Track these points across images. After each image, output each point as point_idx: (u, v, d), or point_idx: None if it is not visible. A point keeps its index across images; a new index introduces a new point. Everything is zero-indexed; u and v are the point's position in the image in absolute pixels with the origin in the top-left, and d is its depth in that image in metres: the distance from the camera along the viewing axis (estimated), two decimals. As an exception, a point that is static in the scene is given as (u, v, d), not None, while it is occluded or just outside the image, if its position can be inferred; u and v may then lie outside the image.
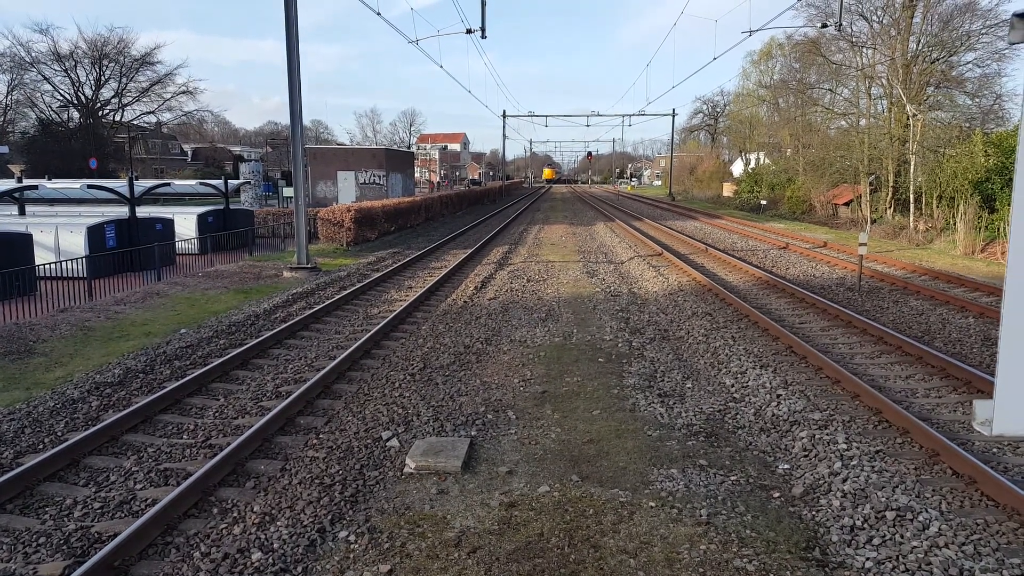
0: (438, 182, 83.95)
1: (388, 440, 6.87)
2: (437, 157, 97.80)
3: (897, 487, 5.72)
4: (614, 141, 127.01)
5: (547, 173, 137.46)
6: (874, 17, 33.85)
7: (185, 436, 7.14)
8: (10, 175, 43.15)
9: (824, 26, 29.39)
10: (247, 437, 6.58)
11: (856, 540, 5.00)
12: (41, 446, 6.84)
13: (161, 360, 9.70)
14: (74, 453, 6.46)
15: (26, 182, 22.13)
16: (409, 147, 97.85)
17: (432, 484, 5.96)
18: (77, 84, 59.69)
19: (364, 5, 14.33)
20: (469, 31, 24.17)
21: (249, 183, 38.46)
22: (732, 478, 6.13)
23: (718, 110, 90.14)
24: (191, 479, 5.70)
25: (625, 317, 12.60)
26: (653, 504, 5.58)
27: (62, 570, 4.70)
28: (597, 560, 4.77)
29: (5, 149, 47.72)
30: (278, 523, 5.28)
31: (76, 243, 17.04)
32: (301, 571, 4.70)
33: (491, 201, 57.32)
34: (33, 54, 56.89)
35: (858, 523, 5.19)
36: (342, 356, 9.39)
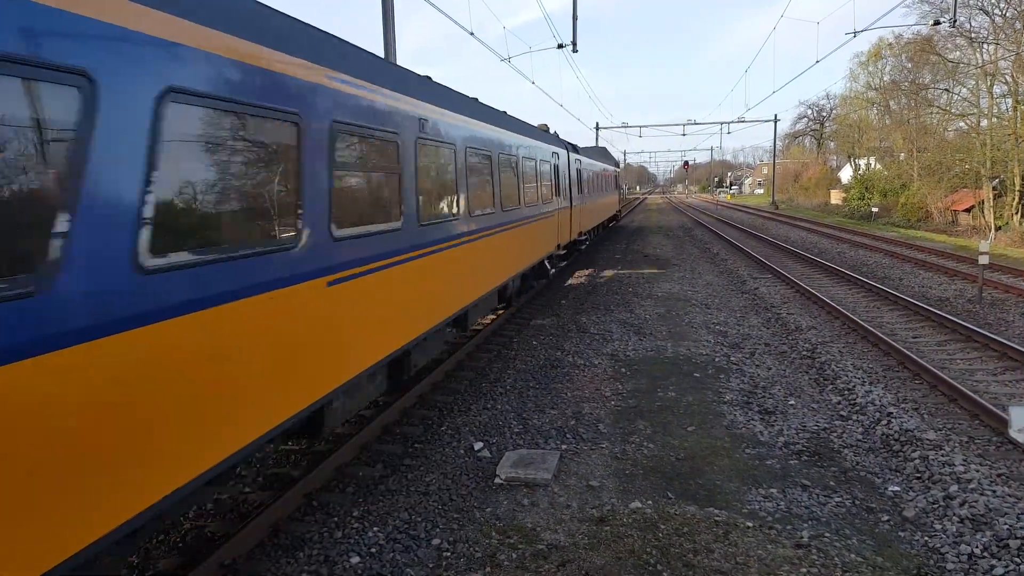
0: None
1: (479, 451, 7.00)
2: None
3: (1022, 514, 5.27)
4: (712, 149, 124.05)
5: None
6: (995, 10, 31.58)
7: (290, 443, 7.53)
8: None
9: (937, 23, 27.62)
10: (349, 445, 6.89)
11: (975, 569, 4.65)
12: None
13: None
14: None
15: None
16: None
17: (522, 495, 6.02)
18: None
19: (459, 27, 14.78)
20: (560, 46, 24.34)
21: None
22: (836, 499, 5.84)
23: (824, 114, 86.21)
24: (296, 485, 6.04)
25: (723, 331, 12.26)
26: (751, 524, 5.40)
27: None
28: (689, 578, 4.68)
29: None
30: (375, 528, 5.50)
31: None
32: None
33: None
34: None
35: (977, 551, 4.83)
36: (437, 370, 9.65)
